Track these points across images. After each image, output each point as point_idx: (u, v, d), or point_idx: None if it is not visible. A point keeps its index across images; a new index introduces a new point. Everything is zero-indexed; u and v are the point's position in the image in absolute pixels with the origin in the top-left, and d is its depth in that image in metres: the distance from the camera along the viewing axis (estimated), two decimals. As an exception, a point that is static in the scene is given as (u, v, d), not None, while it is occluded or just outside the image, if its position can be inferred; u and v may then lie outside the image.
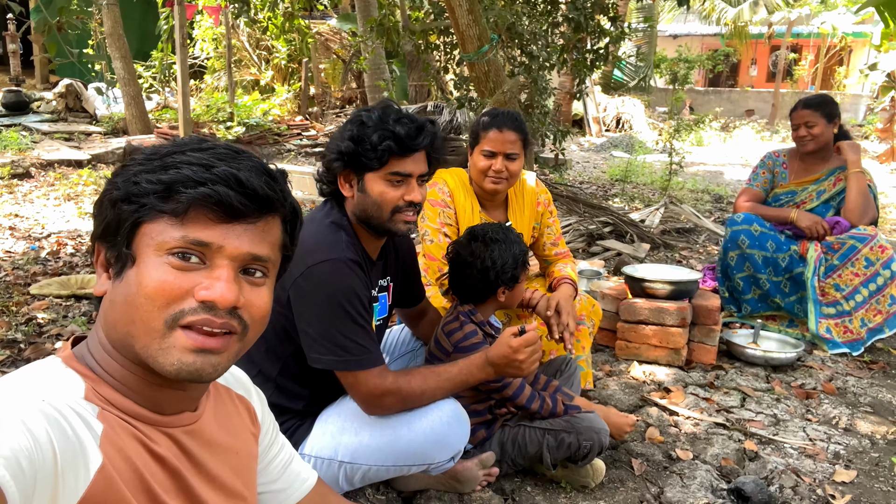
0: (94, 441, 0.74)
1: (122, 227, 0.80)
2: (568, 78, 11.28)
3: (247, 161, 0.84)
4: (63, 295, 3.43)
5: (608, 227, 5.21)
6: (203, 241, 0.80)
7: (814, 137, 3.26)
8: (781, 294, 3.29)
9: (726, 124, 16.75)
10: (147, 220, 0.80)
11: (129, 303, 0.79)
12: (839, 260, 3.17)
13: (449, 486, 1.90)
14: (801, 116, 3.28)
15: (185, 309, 0.79)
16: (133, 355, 0.81)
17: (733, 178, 9.38)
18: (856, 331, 3.12)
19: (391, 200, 1.63)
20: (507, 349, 1.68)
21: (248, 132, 9.24)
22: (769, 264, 3.27)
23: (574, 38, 6.84)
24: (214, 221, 0.81)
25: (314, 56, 12.25)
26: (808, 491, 1.99)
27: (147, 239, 0.80)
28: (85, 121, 9.17)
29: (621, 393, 2.64)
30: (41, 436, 0.68)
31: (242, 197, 0.81)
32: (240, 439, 1.01)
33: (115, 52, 8.43)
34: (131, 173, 0.82)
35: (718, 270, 3.45)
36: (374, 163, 1.61)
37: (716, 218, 6.25)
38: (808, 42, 20.44)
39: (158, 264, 0.79)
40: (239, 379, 1.09)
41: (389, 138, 1.59)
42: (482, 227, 2.01)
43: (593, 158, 11.27)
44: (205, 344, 0.80)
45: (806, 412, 2.56)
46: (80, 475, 0.71)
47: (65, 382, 0.78)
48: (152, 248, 0.79)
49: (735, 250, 3.32)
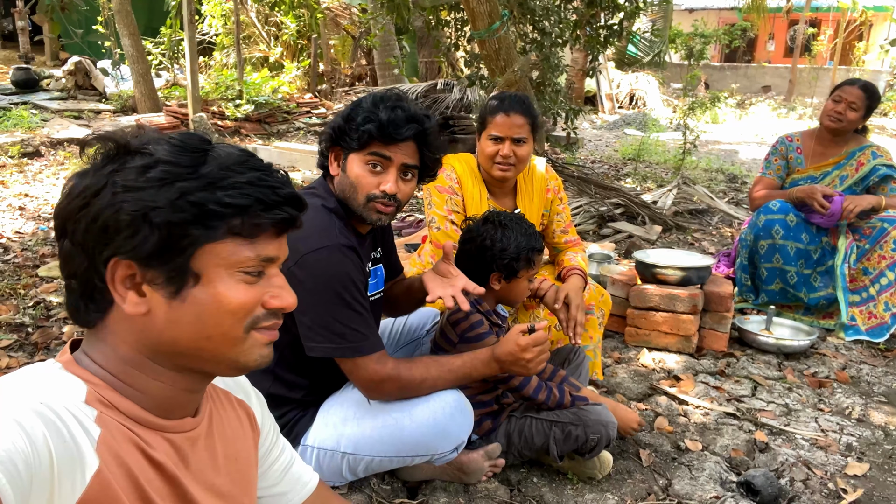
0: (90, 445, 0.73)
1: (182, 249, 0.78)
2: (581, 54, 11.10)
3: (282, 176, 0.88)
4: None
5: (619, 208, 5.14)
6: (272, 257, 0.86)
7: (847, 121, 3.18)
8: (809, 288, 3.20)
9: (742, 101, 16.47)
10: (212, 242, 0.80)
11: (205, 321, 0.81)
12: (870, 243, 3.11)
13: (454, 477, 1.88)
14: (852, 94, 3.17)
15: (259, 315, 0.85)
16: (182, 366, 0.84)
17: (748, 157, 9.24)
18: (879, 315, 3.06)
19: (366, 186, 1.60)
20: (515, 347, 1.65)
21: (258, 110, 9.18)
22: (802, 256, 3.18)
23: (587, 14, 6.70)
24: (276, 235, 0.86)
25: (323, 32, 12.13)
26: (819, 484, 1.96)
27: (216, 259, 0.81)
28: (94, 99, 9.14)
29: (630, 381, 2.61)
30: (38, 439, 0.67)
31: (297, 212, 0.87)
32: (239, 444, 1.00)
33: (123, 28, 8.37)
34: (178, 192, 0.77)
35: (743, 257, 3.33)
36: (354, 143, 1.58)
37: (730, 199, 6.15)
38: (827, 16, 19.96)
39: (234, 282, 0.82)
40: (238, 382, 1.08)
41: (373, 122, 1.56)
42: (499, 213, 1.98)
43: (606, 136, 11.13)
44: (273, 337, 0.89)
45: (818, 402, 2.52)
46: (76, 479, 0.70)
47: (64, 386, 0.78)
48: (223, 268, 0.81)
49: (768, 239, 3.22)
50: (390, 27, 8.89)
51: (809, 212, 3.16)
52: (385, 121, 1.55)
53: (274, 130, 9.13)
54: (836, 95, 3.22)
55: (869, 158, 3.22)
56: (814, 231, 3.18)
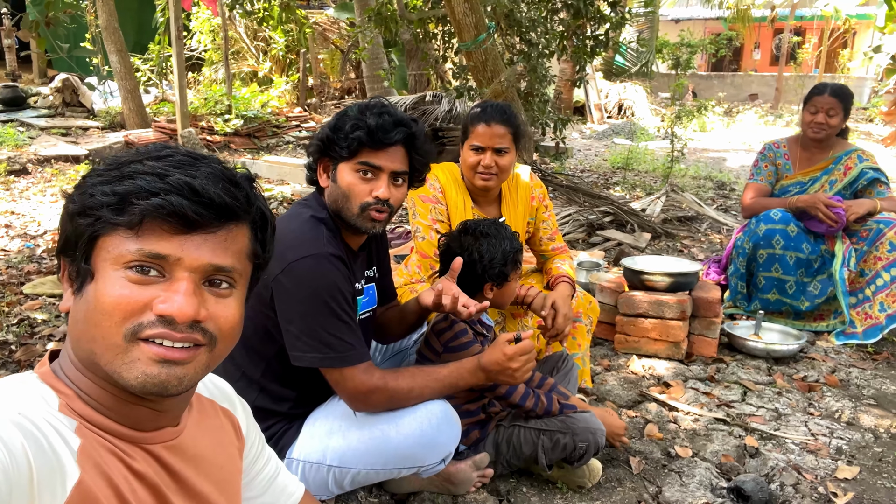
0: (71, 456, 0.72)
1: (80, 242, 0.78)
2: (568, 65, 11.17)
3: (205, 167, 0.81)
4: (57, 294, 3.40)
5: (609, 216, 5.15)
6: (160, 254, 0.77)
7: (829, 128, 3.20)
8: (807, 296, 3.20)
9: (729, 109, 16.60)
10: (104, 234, 0.77)
11: (89, 319, 0.77)
12: (868, 245, 3.13)
13: (443, 488, 1.86)
14: (827, 103, 3.18)
15: (144, 322, 0.77)
16: (101, 372, 0.79)
17: (736, 164, 9.29)
18: (874, 315, 3.06)
19: (359, 194, 1.60)
20: (502, 356, 1.64)
21: (247, 125, 9.18)
22: (802, 266, 3.18)
23: (574, 25, 6.75)
24: (170, 233, 0.78)
25: (312, 47, 12.17)
26: (809, 489, 1.95)
27: (104, 253, 0.77)
28: (82, 115, 9.12)
29: (620, 388, 2.60)
30: (17, 449, 0.66)
31: (198, 206, 0.78)
32: (224, 454, 0.98)
33: (111, 45, 8.36)
34: (88, 185, 0.79)
35: (739, 264, 3.31)
36: (343, 151, 1.58)
37: (718, 206, 6.18)
38: (811, 25, 20.20)
39: (116, 278, 0.77)
40: (223, 391, 1.06)
41: (361, 128, 1.56)
42: (475, 222, 1.97)
43: (595, 146, 11.18)
44: (167, 355, 0.77)
45: (808, 406, 2.51)
46: (56, 490, 0.69)
47: (39, 397, 0.77)
48: (109, 262, 0.77)
49: (767, 249, 3.21)
50: (378, 40, 8.92)
51: (809, 220, 3.17)
52: (374, 126, 1.55)
53: (263, 145, 9.13)
54: (811, 107, 3.22)
55: (856, 162, 3.24)
56: (813, 240, 3.18)
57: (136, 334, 0.76)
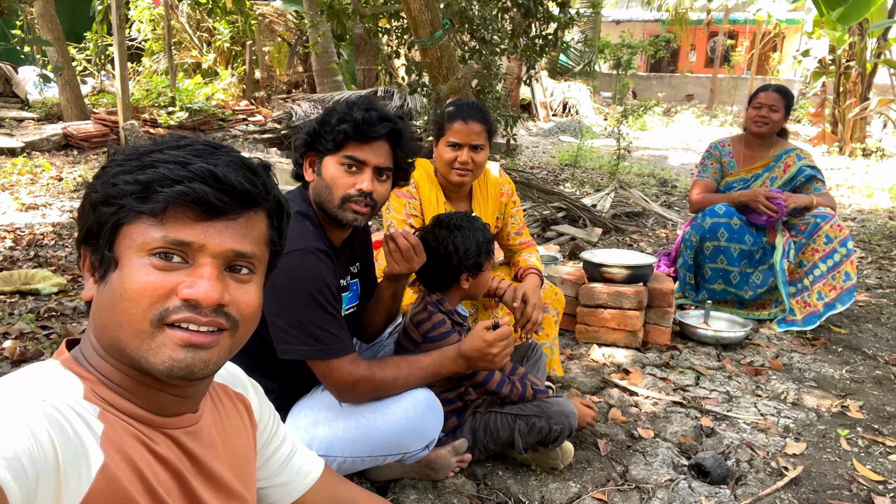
0: (94, 441, 0.74)
1: (104, 230, 0.80)
2: (516, 63, 11.35)
3: (224, 156, 0.84)
4: (6, 291, 3.29)
5: (561, 212, 5.30)
6: (184, 241, 0.79)
7: (771, 122, 3.40)
8: (750, 286, 3.40)
9: (668, 109, 17.18)
10: (127, 222, 0.79)
11: (115, 307, 0.79)
12: (806, 237, 3.34)
13: (423, 475, 1.92)
14: (770, 98, 3.39)
15: (170, 307, 0.79)
16: (126, 358, 0.81)
17: (677, 162, 9.66)
18: (813, 304, 3.28)
19: (342, 186, 1.63)
20: (482, 343, 1.70)
21: (192, 118, 8.95)
22: (745, 257, 3.38)
23: (523, 24, 6.88)
24: (194, 220, 0.80)
25: (258, 39, 11.94)
26: (762, 464, 2.10)
27: (128, 241, 0.79)
28: (16, 106, 8.73)
29: (583, 376, 2.71)
30: (42, 436, 0.68)
31: (220, 193, 0.80)
32: (239, 438, 1.00)
33: (46, 33, 8.03)
34: (110, 175, 0.81)
35: (687, 256, 3.49)
36: (329, 144, 1.61)
37: (662, 202, 6.43)
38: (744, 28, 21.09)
39: (141, 266, 0.78)
40: (235, 375, 1.08)
41: (348, 122, 1.60)
42: (447, 215, 2.02)
43: (542, 143, 11.41)
44: (193, 339, 0.80)
45: (756, 388, 2.69)
46: (81, 475, 0.71)
47: (64, 384, 0.78)
48: (134, 250, 0.79)
49: (713, 241, 3.40)
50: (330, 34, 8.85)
51: (751, 213, 3.37)
52: (360, 120, 1.59)
53: (209, 138, 8.92)
54: (756, 102, 3.45)
55: (794, 160, 3.46)
56: (755, 233, 3.38)
57: (163, 320, 0.78)
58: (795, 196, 3.32)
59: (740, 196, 3.38)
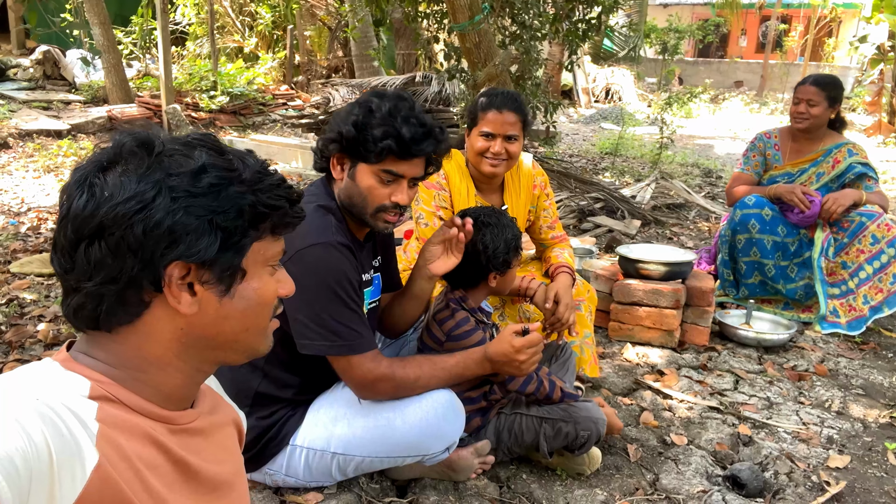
0: (90, 440, 0.73)
1: (239, 249, 0.84)
2: (558, 48, 11.10)
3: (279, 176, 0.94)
4: (45, 273, 3.35)
5: (599, 202, 5.17)
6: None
7: (811, 117, 3.22)
8: (786, 279, 3.26)
9: (716, 96, 16.67)
10: (257, 240, 0.87)
11: (248, 314, 0.88)
12: (849, 237, 3.17)
13: (444, 475, 1.88)
14: (807, 92, 3.22)
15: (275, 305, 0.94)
16: (208, 359, 0.88)
17: (723, 151, 9.35)
18: (858, 307, 3.12)
19: (378, 197, 1.60)
20: (510, 348, 1.65)
21: (233, 102, 9.05)
22: (779, 249, 3.23)
23: (566, 7, 6.71)
24: None
25: (299, 23, 11.98)
26: (802, 477, 2.00)
27: (257, 256, 0.87)
28: (64, 89, 8.92)
29: (615, 376, 2.62)
30: (36, 435, 0.68)
31: None
32: (229, 437, 1.02)
33: (93, 17, 8.16)
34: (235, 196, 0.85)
35: (724, 253, 3.36)
36: (370, 157, 1.57)
37: (706, 193, 6.22)
38: (798, 13, 20.27)
39: (267, 276, 0.90)
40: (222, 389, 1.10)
41: (392, 137, 1.54)
42: (475, 210, 1.95)
43: (583, 130, 11.19)
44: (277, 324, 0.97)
45: (798, 395, 2.56)
46: (76, 474, 0.71)
47: (65, 383, 0.78)
48: (261, 263, 0.89)
49: (745, 234, 3.26)
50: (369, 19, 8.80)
51: (786, 210, 3.21)
52: (407, 138, 1.54)
53: (249, 122, 9.01)
54: (795, 97, 3.28)
55: (845, 156, 3.27)
56: (790, 224, 3.23)
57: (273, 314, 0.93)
58: (842, 194, 3.13)
59: (777, 188, 3.23)
